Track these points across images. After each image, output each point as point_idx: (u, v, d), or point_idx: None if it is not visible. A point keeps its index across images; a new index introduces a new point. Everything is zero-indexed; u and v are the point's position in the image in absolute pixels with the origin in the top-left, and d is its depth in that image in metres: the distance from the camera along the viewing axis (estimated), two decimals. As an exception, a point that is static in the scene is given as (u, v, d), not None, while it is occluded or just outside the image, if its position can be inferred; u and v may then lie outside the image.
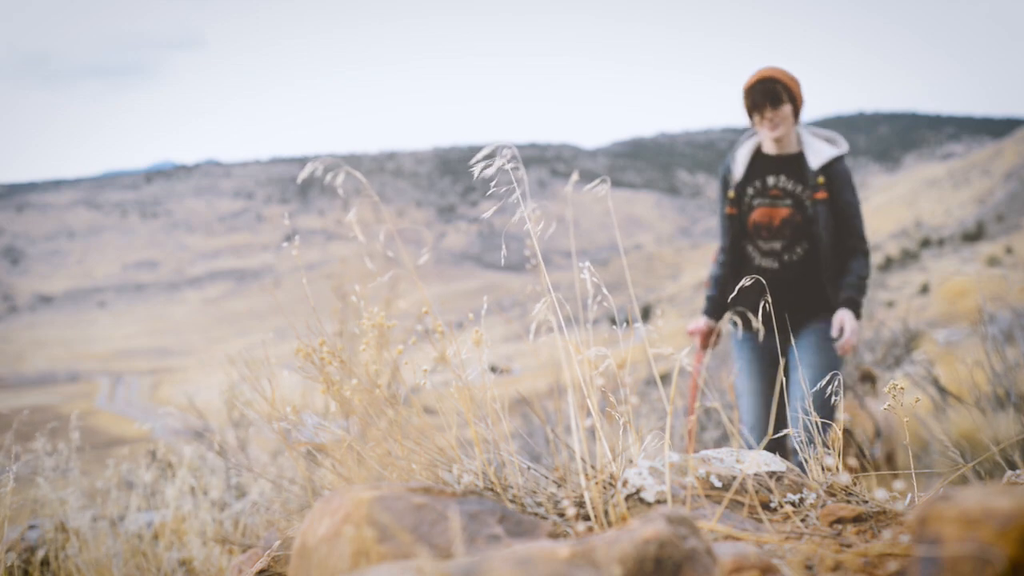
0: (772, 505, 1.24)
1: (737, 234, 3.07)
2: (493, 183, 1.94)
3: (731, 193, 3.06)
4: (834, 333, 2.78)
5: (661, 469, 1.18)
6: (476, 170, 1.30)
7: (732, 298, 3.08)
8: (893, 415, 3.97)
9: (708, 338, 3.27)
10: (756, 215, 3.00)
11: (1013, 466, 2.48)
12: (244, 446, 3.99)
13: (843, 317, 2.80)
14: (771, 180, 2.99)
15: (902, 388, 1.37)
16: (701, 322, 3.30)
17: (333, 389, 1.37)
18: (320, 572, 0.95)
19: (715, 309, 3.26)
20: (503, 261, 1.45)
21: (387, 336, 1.39)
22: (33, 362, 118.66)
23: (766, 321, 2.93)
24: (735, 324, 3.07)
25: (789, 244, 2.96)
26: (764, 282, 2.93)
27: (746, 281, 1.76)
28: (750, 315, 2.72)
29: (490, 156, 1.28)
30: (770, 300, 2.25)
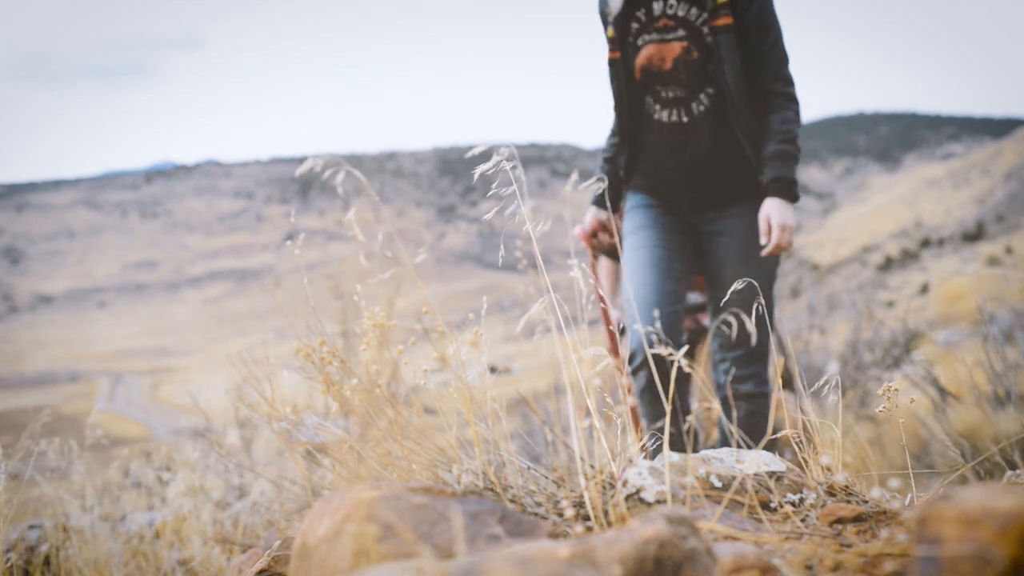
0: (772, 505, 1.25)
1: (624, 85, 2.34)
2: (495, 184, 1.93)
3: (610, 31, 2.34)
4: (762, 236, 2.18)
5: (661, 469, 1.18)
6: (475, 169, 1.29)
7: (630, 162, 2.42)
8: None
9: (601, 236, 2.55)
10: (643, 57, 2.29)
11: (1013, 466, 2.48)
12: (248, 446, 4.00)
13: (768, 211, 2.18)
14: (657, 6, 2.27)
15: (896, 390, 1.37)
16: (588, 216, 2.54)
17: (333, 389, 1.38)
18: (320, 572, 0.95)
19: (607, 194, 2.50)
20: (500, 262, 1.45)
21: (388, 336, 1.39)
22: (33, 362, 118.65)
23: (675, 191, 2.34)
24: (637, 194, 2.41)
25: (691, 91, 2.27)
26: (668, 142, 2.33)
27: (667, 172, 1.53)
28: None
29: (486, 155, 1.28)
30: (680, 166, 2.01)
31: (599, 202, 2.53)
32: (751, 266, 2.25)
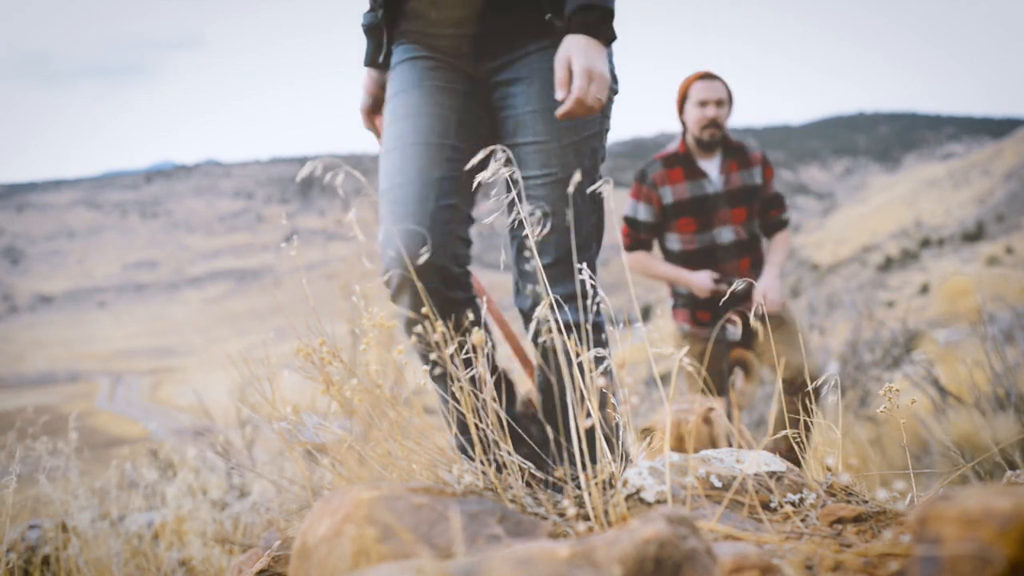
0: (772, 505, 1.25)
1: None
2: (493, 191, 1.91)
3: None
4: (558, 89, 1.45)
5: (661, 469, 1.18)
6: (478, 175, 1.29)
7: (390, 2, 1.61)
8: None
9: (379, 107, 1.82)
10: None
11: (1013, 466, 2.48)
12: (249, 446, 4.00)
13: (568, 52, 1.44)
14: None
15: (898, 390, 1.36)
16: (364, 83, 1.81)
17: (333, 389, 1.38)
18: (320, 572, 0.95)
19: (380, 45, 1.73)
20: (503, 266, 1.46)
21: (389, 336, 1.39)
22: (33, 362, 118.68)
23: (451, 32, 1.59)
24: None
25: None
26: None
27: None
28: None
29: (486, 159, 1.28)
30: None
31: (373, 61, 1.79)
32: (560, 123, 1.54)
